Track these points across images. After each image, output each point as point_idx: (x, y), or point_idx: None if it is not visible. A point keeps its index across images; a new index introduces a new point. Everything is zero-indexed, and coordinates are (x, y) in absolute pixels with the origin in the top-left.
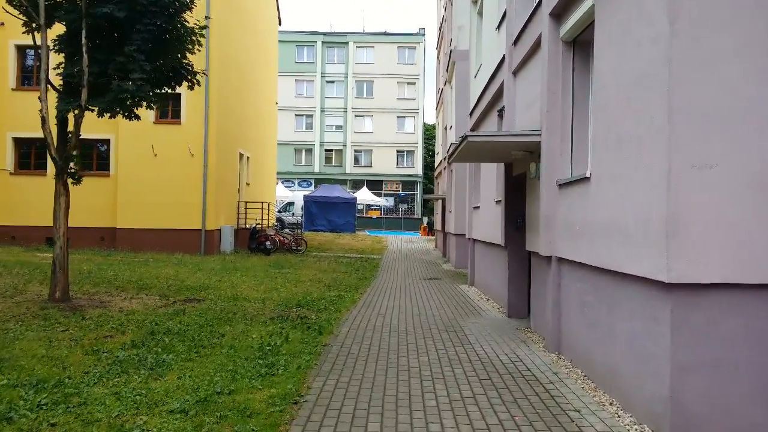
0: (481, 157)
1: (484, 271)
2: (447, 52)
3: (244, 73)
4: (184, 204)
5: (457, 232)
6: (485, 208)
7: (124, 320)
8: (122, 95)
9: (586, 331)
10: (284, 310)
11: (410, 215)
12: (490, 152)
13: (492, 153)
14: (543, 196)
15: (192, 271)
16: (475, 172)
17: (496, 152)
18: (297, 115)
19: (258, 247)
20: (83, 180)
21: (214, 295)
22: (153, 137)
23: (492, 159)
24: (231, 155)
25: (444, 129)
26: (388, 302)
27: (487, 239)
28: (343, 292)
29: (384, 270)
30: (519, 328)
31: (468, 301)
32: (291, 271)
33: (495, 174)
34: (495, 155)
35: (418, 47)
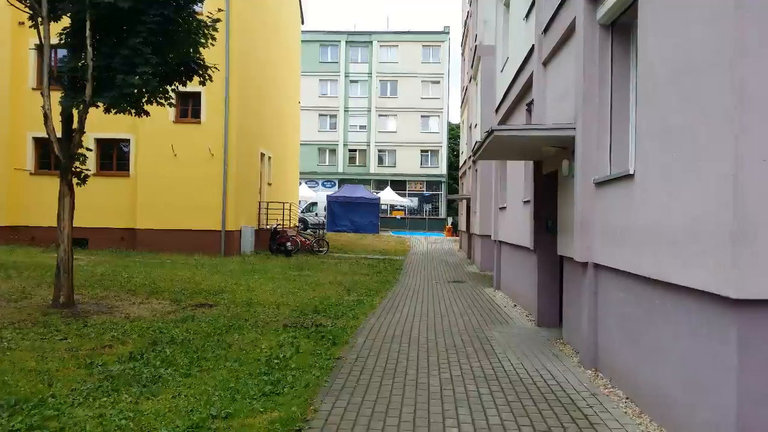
0: (509, 154)
1: (511, 275)
2: (472, 48)
3: (266, 71)
4: (204, 205)
5: (482, 234)
6: (512, 209)
7: (128, 328)
8: (127, 90)
9: (629, 348)
10: (299, 317)
11: (434, 216)
12: (518, 148)
13: (520, 149)
14: (578, 196)
15: (209, 274)
16: (502, 171)
17: (525, 148)
18: (321, 115)
19: (279, 248)
20: (103, 180)
21: (228, 299)
22: (173, 137)
23: (520, 156)
24: (252, 155)
25: (469, 127)
26: (409, 308)
27: (514, 242)
28: (363, 296)
29: (406, 272)
30: (550, 339)
31: (494, 307)
32: (310, 273)
33: (523, 173)
34: (524, 152)
35: (442, 46)
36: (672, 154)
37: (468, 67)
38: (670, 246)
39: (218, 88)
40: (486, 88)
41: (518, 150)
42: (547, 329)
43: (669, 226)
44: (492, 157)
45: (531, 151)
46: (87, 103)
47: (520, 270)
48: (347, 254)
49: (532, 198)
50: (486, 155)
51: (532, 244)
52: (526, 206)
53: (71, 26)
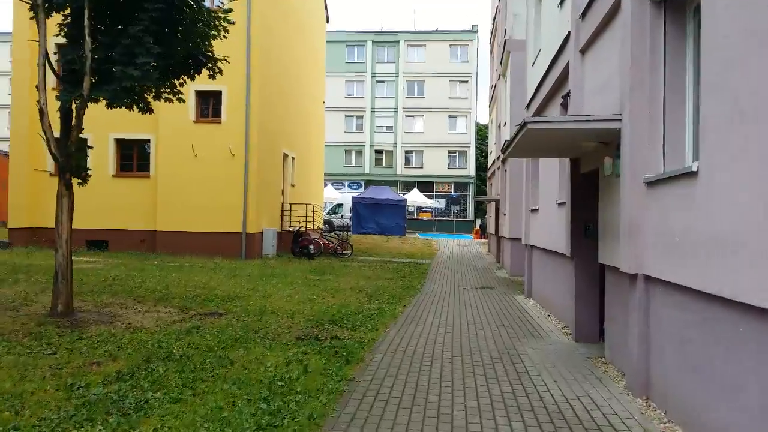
0: (542, 151)
1: (544, 282)
2: (501, 43)
3: (289, 70)
4: (225, 206)
5: (512, 237)
6: (545, 212)
7: (125, 341)
8: (126, 83)
9: (690, 377)
10: (314, 328)
11: (462, 217)
12: (553, 144)
13: (556, 145)
14: (625, 198)
15: (226, 278)
16: (533, 171)
17: (561, 144)
18: (347, 115)
19: (301, 251)
20: (123, 182)
21: (241, 307)
22: (193, 137)
23: (555, 153)
24: (274, 155)
25: (498, 126)
26: (433, 317)
27: (547, 246)
28: (385, 303)
29: (432, 277)
30: (590, 358)
31: (526, 317)
32: (332, 278)
33: (557, 172)
34: (559, 148)
35: (470, 44)
36: (751, 148)
37: (497, 64)
38: (750, 258)
39: (239, 87)
40: (515, 84)
41: (553, 146)
42: (585, 345)
43: (747, 233)
44: (524, 154)
45: (567, 147)
46: (85, 97)
47: (555, 277)
48: (372, 257)
49: (569, 199)
50: (517, 152)
51: (569, 250)
52: (561, 208)
53: (70, 15)
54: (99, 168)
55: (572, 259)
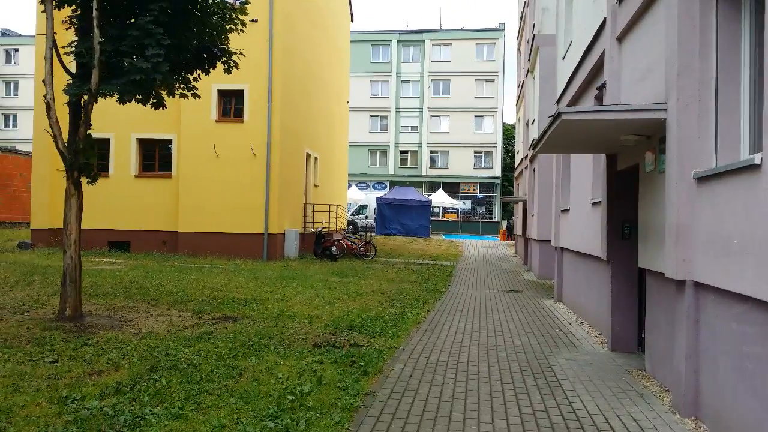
0: (576, 145)
1: (576, 286)
2: (529, 39)
3: (312, 69)
4: (247, 207)
5: (540, 239)
6: (577, 212)
7: (131, 348)
8: (135, 75)
9: (750, 398)
10: (332, 334)
11: (488, 219)
12: (588, 137)
13: (591, 138)
14: (671, 196)
15: (245, 280)
16: (564, 169)
17: (598, 137)
18: (372, 116)
19: (324, 252)
20: (145, 182)
21: (258, 311)
22: (215, 136)
23: (589, 148)
24: (297, 155)
25: (525, 124)
26: (458, 324)
27: (579, 249)
28: (408, 308)
29: (457, 280)
30: (629, 371)
31: (557, 324)
32: (354, 280)
33: (591, 169)
34: (595, 142)
35: (497, 43)
36: None
37: (524, 61)
38: None
39: (261, 86)
40: (544, 80)
41: (588, 140)
42: (623, 356)
43: None
44: (555, 149)
45: (604, 141)
46: (93, 91)
47: (588, 282)
48: (395, 259)
49: (605, 198)
50: (549, 147)
51: (604, 253)
52: (595, 208)
53: (79, 7)
54: (121, 168)
55: (608, 263)
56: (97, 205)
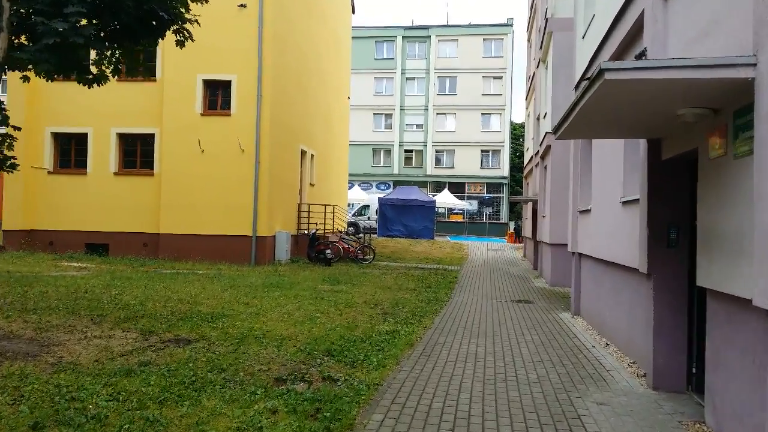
0: (609, 126)
1: (599, 300)
2: (540, 27)
3: (309, 61)
4: (234, 207)
5: (552, 242)
6: (601, 213)
7: (33, 387)
8: (51, 39)
9: None
10: (303, 362)
11: (495, 220)
12: (632, 111)
13: (634, 114)
14: (762, 191)
15: (221, 290)
16: (583, 162)
17: (643, 111)
18: (375, 114)
19: (317, 256)
20: (126, 180)
21: (221, 330)
22: (200, 131)
23: (627, 129)
24: (290, 152)
25: (536, 119)
26: (459, 346)
27: (604, 257)
28: (402, 324)
29: (462, 287)
30: (682, 422)
31: (578, 347)
32: (346, 288)
33: (622, 159)
34: (636, 119)
35: (505, 39)
36: None
37: (535, 51)
38: None
39: (250, 76)
40: (558, 68)
41: (628, 117)
42: (670, 397)
43: None
44: (581, 132)
45: (650, 117)
46: (0, 60)
47: (616, 297)
48: (396, 263)
49: (645, 196)
50: (575, 128)
51: (644, 265)
52: (627, 209)
53: None
54: (100, 165)
55: (648, 278)
56: (73, 205)
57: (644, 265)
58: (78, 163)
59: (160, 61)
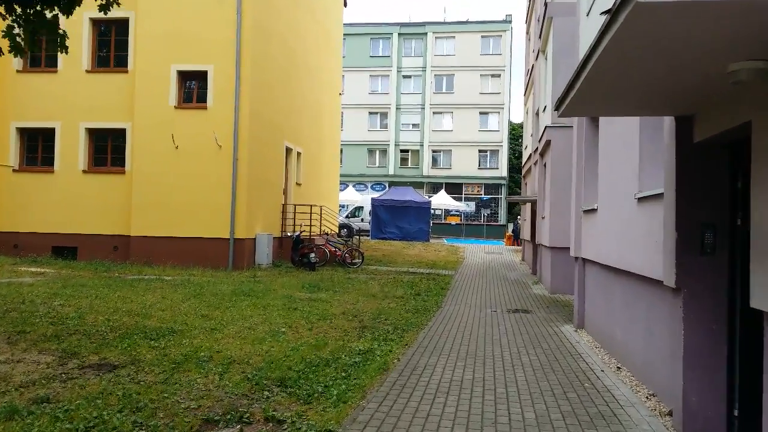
0: (627, 97)
1: (608, 314)
2: (540, 17)
3: (296, 54)
4: (211, 207)
5: (552, 245)
6: (610, 212)
7: None
8: None
9: None
10: (246, 395)
11: (493, 221)
12: (659, 71)
13: (662, 76)
14: None
15: (182, 299)
16: (589, 154)
17: (678, 70)
18: (371, 113)
19: (301, 260)
20: (96, 178)
21: (162, 350)
22: (174, 125)
23: (649, 103)
24: (273, 148)
25: (535, 114)
26: (443, 372)
27: (614, 264)
28: (380, 340)
29: (454, 294)
30: None
31: (584, 371)
32: (326, 296)
33: (637, 145)
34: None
35: (503, 36)
36: None
37: (534, 44)
38: None
39: (228, 67)
40: (559, 56)
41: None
42: None
43: None
44: (590, 107)
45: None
46: None
47: (631, 312)
48: (386, 267)
49: (673, 188)
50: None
51: (671, 276)
52: (644, 206)
53: None
54: (68, 163)
55: (677, 292)
56: (39, 205)
57: (671, 277)
58: (45, 160)
59: (132, 50)
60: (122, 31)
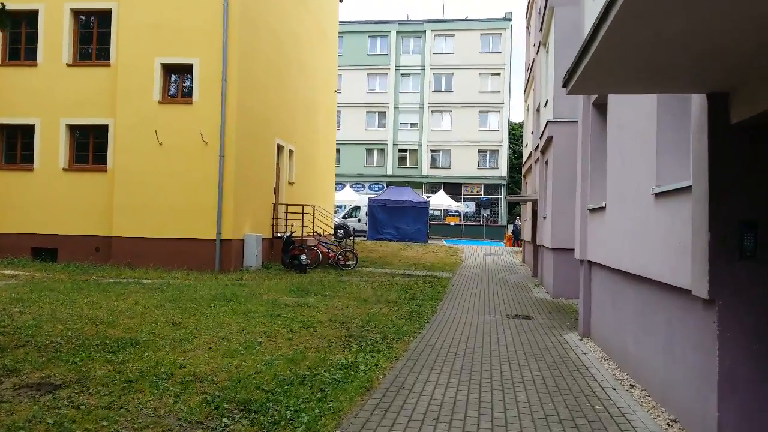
0: (649, 69)
1: (618, 322)
2: (540, 9)
3: (288, 49)
4: (197, 206)
5: (554, 246)
6: (622, 209)
7: None
8: None
9: None
10: (201, 422)
11: (493, 222)
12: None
13: (695, 41)
14: None
15: (157, 305)
16: (595, 146)
17: (715, 33)
18: (368, 112)
19: (291, 261)
20: (77, 177)
21: (117, 366)
22: (158, 121)
23: (675, 76)
24: (263, 145)
25: (536, 110)
26: (433, 391)
27: (626, 267)
28: (366, 352)
29: (451, 297)
30: None
31: (593, 390)
32: (314, 300)
33: (654, 134)
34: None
35: (503, 34)
36: None
37: (535, 37)
38: None
39: (215, 60)
40: (561, 47)
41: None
42: None
43: None
44: (603, 81)
45: (720, 48)
46: None
47: (644, 322)
48: (381, 269)
49: (706, 180)
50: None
51: (704, 285)
52: (664, 202)
53: None
54: (48, 160)
55: (709, 304)
56: (18, 204)
57: (702, 286)
58: (24, 157)
59: (115, 43)
60: (105, 22)
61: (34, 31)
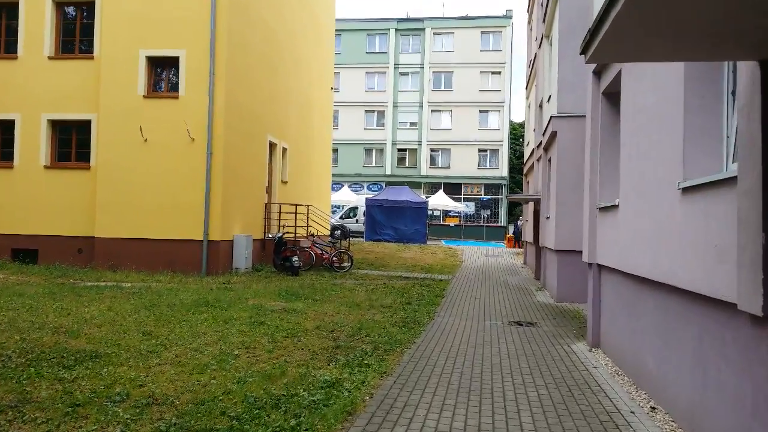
0: (686, 28)
1: (633, 333)
2: (543, 1)
3: (281, 43)
4: (184, 205)
5: (559, 248)
6: (640, 207)
7: None
8: None
9: None
10: None
11: (493, 223)
12: None
13: None
14: None
15: (132, 311)
16: (605, 138)
17: None
18: (367, 111)
19: (283, 263)
20: (60, 174)
21: (65, 385)
22: (142, 116)
23: (715, 39)
24: (254, 142)
25: (538, 106)
26: (425, 417)
27: (644, 273)
28: (353, 366)
29: (450, 302)
30: None
31: (608, 413)
32: (303, 306)
33: (681, 119)
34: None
35: (504, 31)
36: None
37: (537, 30)
38: None
39: (202, 52)
40: (566, 38)
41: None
42: None
43: None
44: (630, 47)
45: None
46: None
47: (668, 336)
48: (377, 271)
49: (759, 169)
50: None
51: (758, 299)
52: (693, 199)
53: None
54: (29, 157)
55: (762, 322)
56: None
57: (755, 301)
58: (4, 155)
59: (98, 34)
60: (88, 14)
61: (15, 22)
